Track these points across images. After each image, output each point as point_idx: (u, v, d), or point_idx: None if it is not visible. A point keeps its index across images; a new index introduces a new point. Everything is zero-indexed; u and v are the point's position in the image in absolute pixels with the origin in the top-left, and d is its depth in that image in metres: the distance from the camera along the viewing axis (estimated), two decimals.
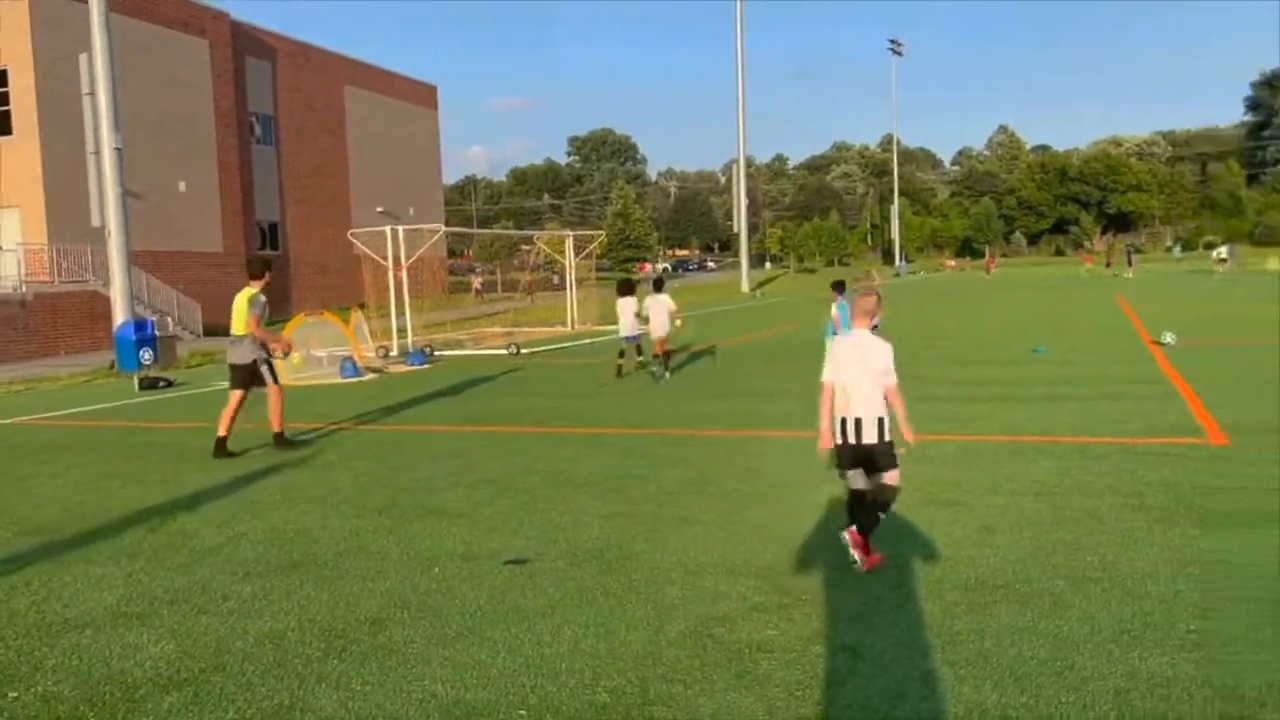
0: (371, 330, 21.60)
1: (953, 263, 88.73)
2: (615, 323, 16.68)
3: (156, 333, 21.20)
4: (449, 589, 5.53)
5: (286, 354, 11.45)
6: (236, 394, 10.16)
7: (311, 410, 13.00)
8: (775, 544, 6.16)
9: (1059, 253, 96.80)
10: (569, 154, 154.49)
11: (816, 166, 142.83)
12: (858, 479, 5.65)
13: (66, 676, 4.49)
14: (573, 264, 29.71)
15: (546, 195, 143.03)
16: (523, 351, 21.04)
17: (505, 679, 4.30)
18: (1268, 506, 6.56)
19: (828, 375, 5.76)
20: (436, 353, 21.15)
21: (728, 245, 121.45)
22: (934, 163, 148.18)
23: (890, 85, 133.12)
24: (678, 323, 15.87)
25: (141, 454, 10.45)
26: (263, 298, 10.31)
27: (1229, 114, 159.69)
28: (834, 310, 13.97)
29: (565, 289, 30.61)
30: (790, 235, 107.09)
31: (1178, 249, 74.42)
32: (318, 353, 18.20)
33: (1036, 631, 4.61)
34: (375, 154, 51.16)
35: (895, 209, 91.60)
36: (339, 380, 17.06)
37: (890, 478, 5.59)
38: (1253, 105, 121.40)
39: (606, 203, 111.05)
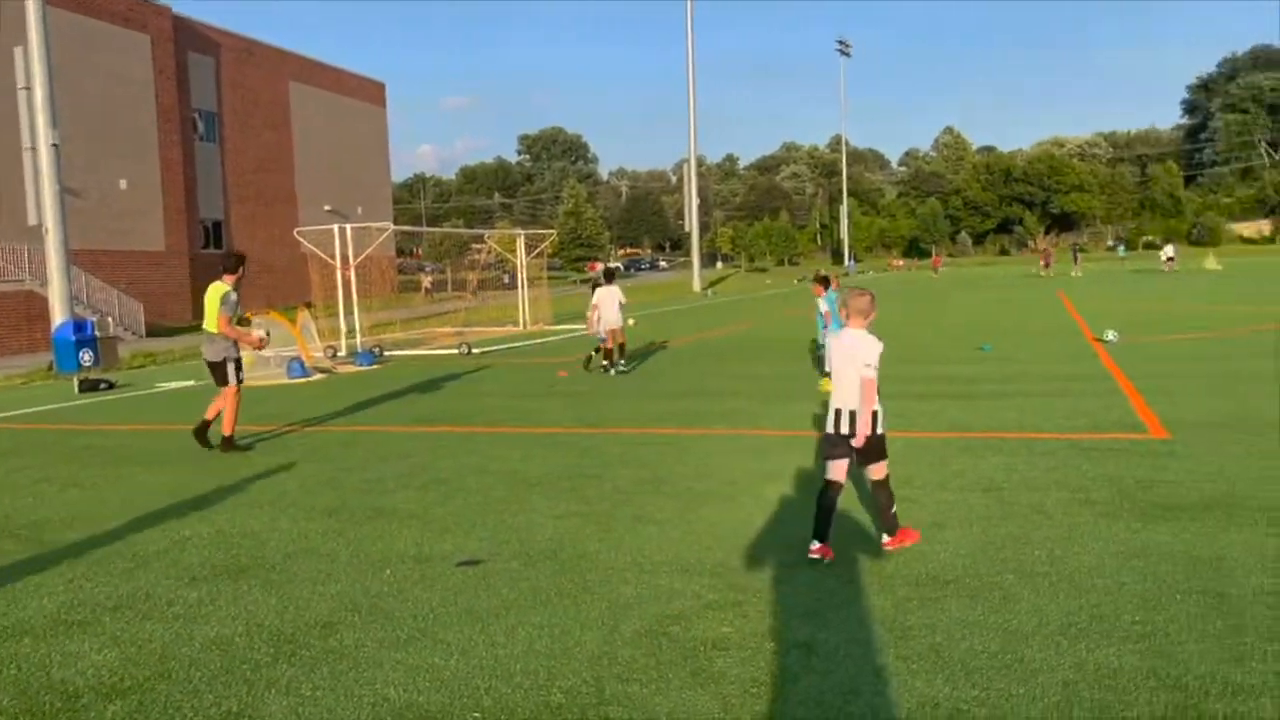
0: (319, 330, 21.32)
1: (900, 262, 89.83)
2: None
3: (97, 334, 20.71)
4: (401, 591, 5.47)
5: (260, 349, 11.29)
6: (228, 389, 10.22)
7: (259, 411, 12.78)
8: (729, 541, 6.17)
9: (1004, 252, 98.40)
10: (519, 152, 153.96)
11: (766, 167, 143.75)
12: (837, 470, 5.79)
13: (5, 686, 4.36)
14: (524, 263, 29.57)
15: (497, 194, 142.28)
16: (474, 351, 20.90)
17: (459, 681, 4.25)
18: (1208, 499, 6.71)
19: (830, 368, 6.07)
20: (386, 353, 20.94)
21: (679, 244, 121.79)
22: (882, 163, 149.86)
23: (839, 86, 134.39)
24: (630, 321, 15.97)
25: (82, 457, 10.21)
26: (234, 295, 10.20)
27: (1167, 116, 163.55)
28: (822, 305, 13.80)
29: (516, 288, 30.48)
30: (741, 235, 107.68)
31: (1122, 249, 75.97)
32: (265, 353, 17.91)
33: (986, 625, 4.66)
34: (322, 151, 50.51)
35: (844, 209, 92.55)
36: (286, 381, 16.81)
37: (875, 470, 5.82)
38: (1189, 109, 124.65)
39: (558, 202, 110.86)
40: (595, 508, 7.16)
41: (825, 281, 14.24)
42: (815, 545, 5.70)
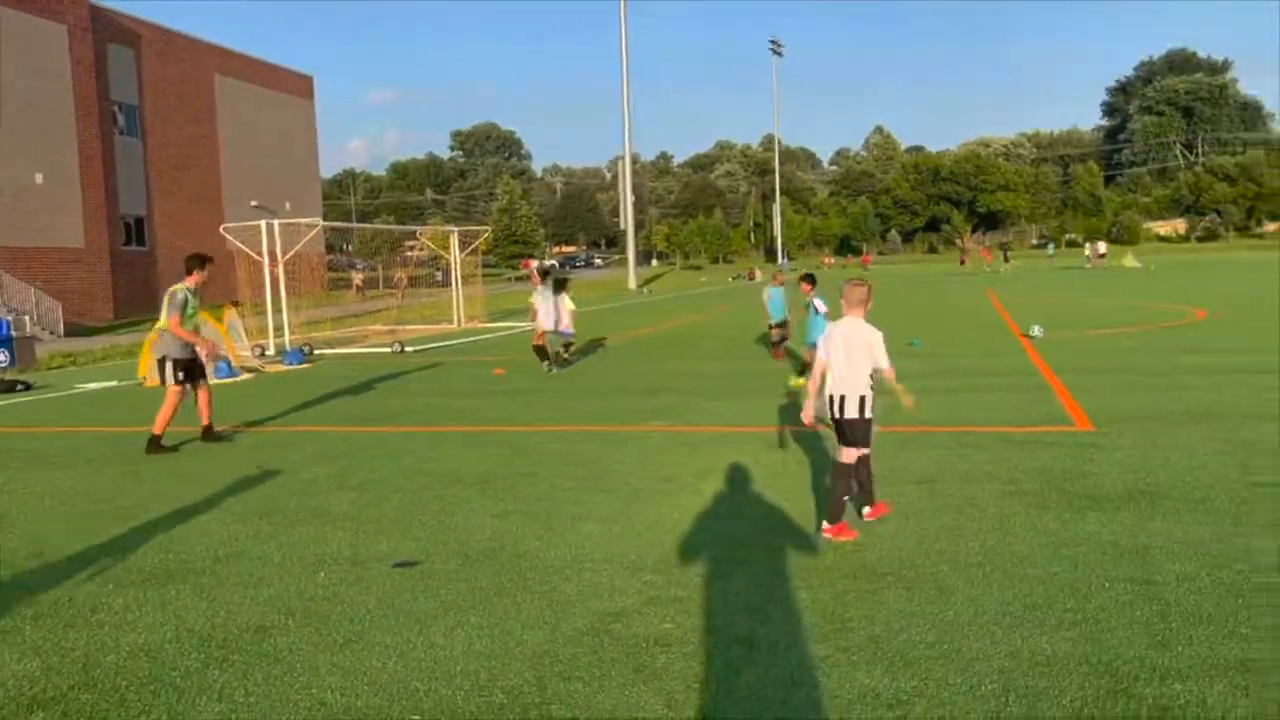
0: (247, 328, 20.85)
1: (830, 259, 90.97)
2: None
3: (13, 333, 20.02)
4: (335, 594, 5.36)
5: (212, 358, 11.07)
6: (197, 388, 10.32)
7: (184, 413, 12.43)
8: (669, 538, 6.17)
9: (932, 250, 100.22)
10: (452, 148, 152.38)
11: (701, 165, 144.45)
12: (848, 455, 6.17)
13: None
14: (458, 260, 29.28)
15: (429, 190, 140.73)
16: (408, 350, 20.63)
17: (397, 684, 4.18)
18: (1132, 490, 6.90)
19: (821, 355, 6.32)
20: (316, 351, 20.57)
21: (614, 242, 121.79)
22: (814, 162, 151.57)
23: (771, 85, 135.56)
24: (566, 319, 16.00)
25: None
26: (184, 295, 10.11)
27: (1089, 118, 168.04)
28: (816, 302, 12.91)
29: (449, 285, 30.17)
30: (676, 232, 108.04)
31: (1051, 247, 77.85)
32: None
33: (924, 616, 4.73)
34: (248, 146, 49.43)
35: (777, 207, 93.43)
36: (213, 381, 16.40)
37: (845, 454, 6.17)
38: (1109, 111, 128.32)
39: (491, 198, 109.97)
40: (534, 506, 7.11)
41: (812, 279, 13.64)
42: (866, 510, 6.34)
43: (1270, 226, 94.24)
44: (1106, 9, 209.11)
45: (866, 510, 6.39)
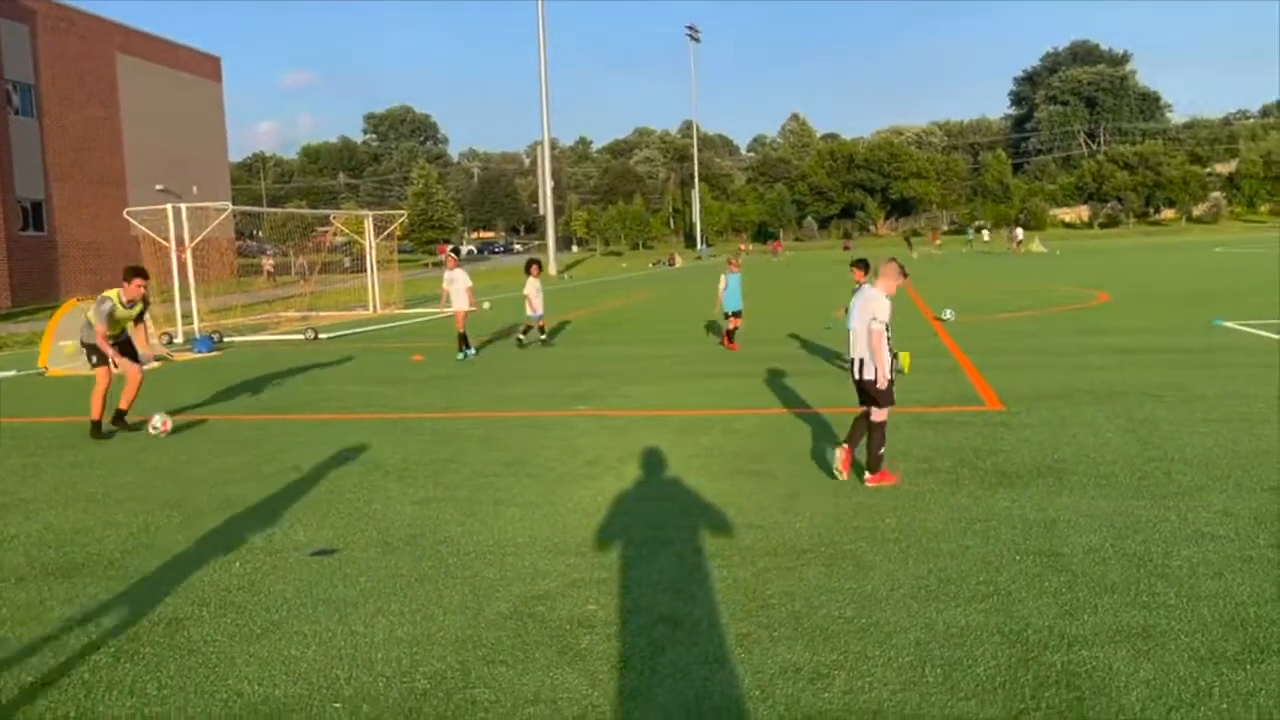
0: (153, 316, 20.18)
1: (747, 245, 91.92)
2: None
3: None
4: (252, 584, 5.24)
5: (108, 371, 10.56)
6: (125, 368, 10.10)
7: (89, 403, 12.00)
8: (592, 521, 6.18)
9: (847, 236, 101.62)
10: (365, 132, 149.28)
11: (620, 150, 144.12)
12: (878, 414, 6.80)
13: None
14: (373, 245, 28.77)
15: (342, 174, 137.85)
16: (321, 337, 20.22)
17: (317, 672, 4.11)
18: (1040, 466, 7.13)
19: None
20: (226, 339, 20.04)
21: (534, 228, 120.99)
22: (731, 149, 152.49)
23: (689, 72, 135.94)
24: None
25: None
26: (111, 305, 9.99)
27: (997, 107, 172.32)
28: (869, 289, 11.92)
29: (362, 271, 29.64)
30: (596, 218, 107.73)
31: (970, 232, 79.48)
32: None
33: (842, 591, 4.82)
34: (154, 128, 47.72)
35: (696, 194, 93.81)
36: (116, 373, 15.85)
37: (875, 414, 6.77)
38: (1016, 100, 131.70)
39: (406, 183, 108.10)
40: (456, 493, 7.05)
41: (865, 265, 12.11)
42: (868, 476, 6.87)
43: (1167, 213, 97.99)
44: (1014, 1, 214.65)
45: (868, 476, 6.82)
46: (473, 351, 15.89)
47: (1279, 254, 39.79)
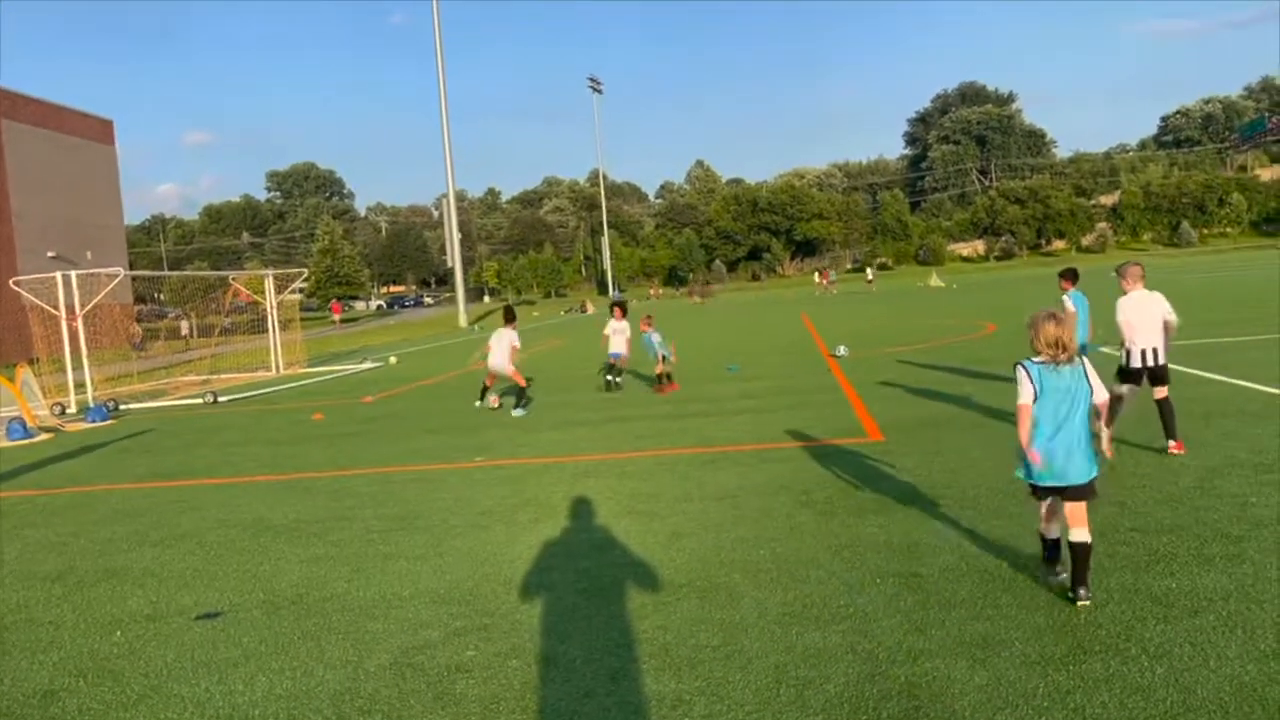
0: (44, 387, 19.66)
1: (658, 290, 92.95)
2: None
3: None
4: (132, 651, 5.24)
5: None
6: None
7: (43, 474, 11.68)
8: (480, 570, 6.31)
9: (755, 278, 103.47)
10: (269, 190, 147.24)
11: (529, 200, 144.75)
12: (1160, 391, 8.35)
13: None
14: (274, 304, 28.42)
15: (245, 233, 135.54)
16: (221, 400, 19.91)
17: None
18: (911, 492, 7.49)
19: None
20: (122, 406, 19.58)
21: (445, 280, 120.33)
22: (640, 196, 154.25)
23: (594, 122, 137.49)
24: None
25: None
26: None
27: (893, 148, 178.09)
28: (1069, 304, 10.99)
29: (258, 332, 29.23)
30: (507, 268, 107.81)
31: (870, 272, 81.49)
32: None
33: (712, 621, 5.04)
34: (43, 194, 46.47)
35: (605, 241, 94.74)
36: (6, 444, 15.42)
37: (1157, 391, 8.33)
38: (910, 140, 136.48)
39: (312, 239, 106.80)
40: (345, 550, 7.10)
41: (1074, 275, 11.74)
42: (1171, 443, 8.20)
43: (1058, 244, 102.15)
44: (905, 46, 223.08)
45: (1171, 444, 8.16)
46: (489, 402, 15.37)
47: (1163, 278, 41.83)
